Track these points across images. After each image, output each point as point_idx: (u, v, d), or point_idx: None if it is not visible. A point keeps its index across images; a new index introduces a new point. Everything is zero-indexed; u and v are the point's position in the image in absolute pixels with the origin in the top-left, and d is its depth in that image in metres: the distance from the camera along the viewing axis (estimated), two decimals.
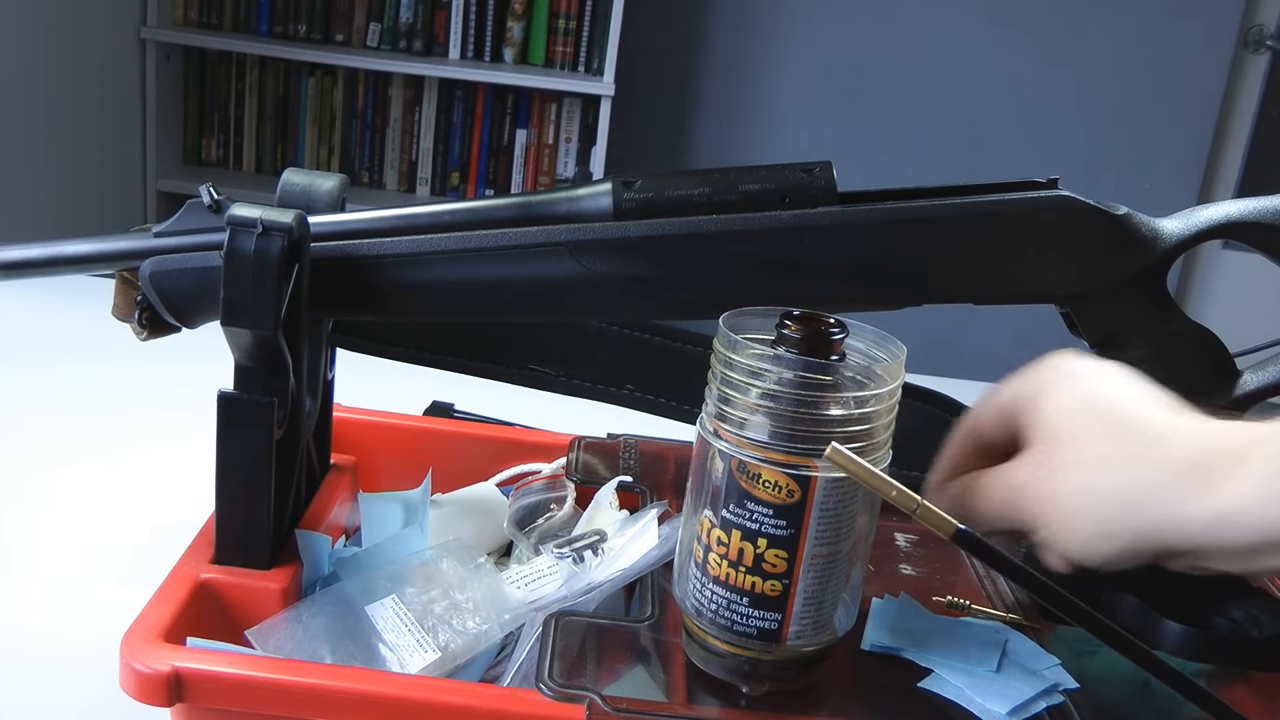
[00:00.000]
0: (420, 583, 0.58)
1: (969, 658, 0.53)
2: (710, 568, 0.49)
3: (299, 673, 0.49)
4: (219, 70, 2.80)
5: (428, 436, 0.74)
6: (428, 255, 0.56)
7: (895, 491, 0.44)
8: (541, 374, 0.69)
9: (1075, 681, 0.52)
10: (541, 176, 2.86)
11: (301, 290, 0.54)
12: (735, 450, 0.48)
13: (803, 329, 0.48)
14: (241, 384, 0.54)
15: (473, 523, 0.70)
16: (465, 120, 2.84)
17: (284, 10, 2.73)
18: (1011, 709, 0.50)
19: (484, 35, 2.74)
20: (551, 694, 0.48)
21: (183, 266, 0.56)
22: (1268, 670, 0.57)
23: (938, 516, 0.44)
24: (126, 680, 0.48)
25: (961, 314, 2.78)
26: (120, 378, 1.01)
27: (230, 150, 2.85)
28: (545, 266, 0.56)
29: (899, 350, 0.49)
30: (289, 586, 0.56)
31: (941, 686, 0.52)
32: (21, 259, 0.57)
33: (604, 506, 0.66)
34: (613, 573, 0.58)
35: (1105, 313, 0.57)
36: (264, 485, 0.55)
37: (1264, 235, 0.57)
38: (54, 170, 2.36)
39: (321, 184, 0.59)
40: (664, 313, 0.59)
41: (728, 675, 0.50)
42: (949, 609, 0.58)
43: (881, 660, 0.54)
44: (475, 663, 0.56)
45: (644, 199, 0.56)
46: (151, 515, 0.79)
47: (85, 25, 2.40)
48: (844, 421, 0.47)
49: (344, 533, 0.66)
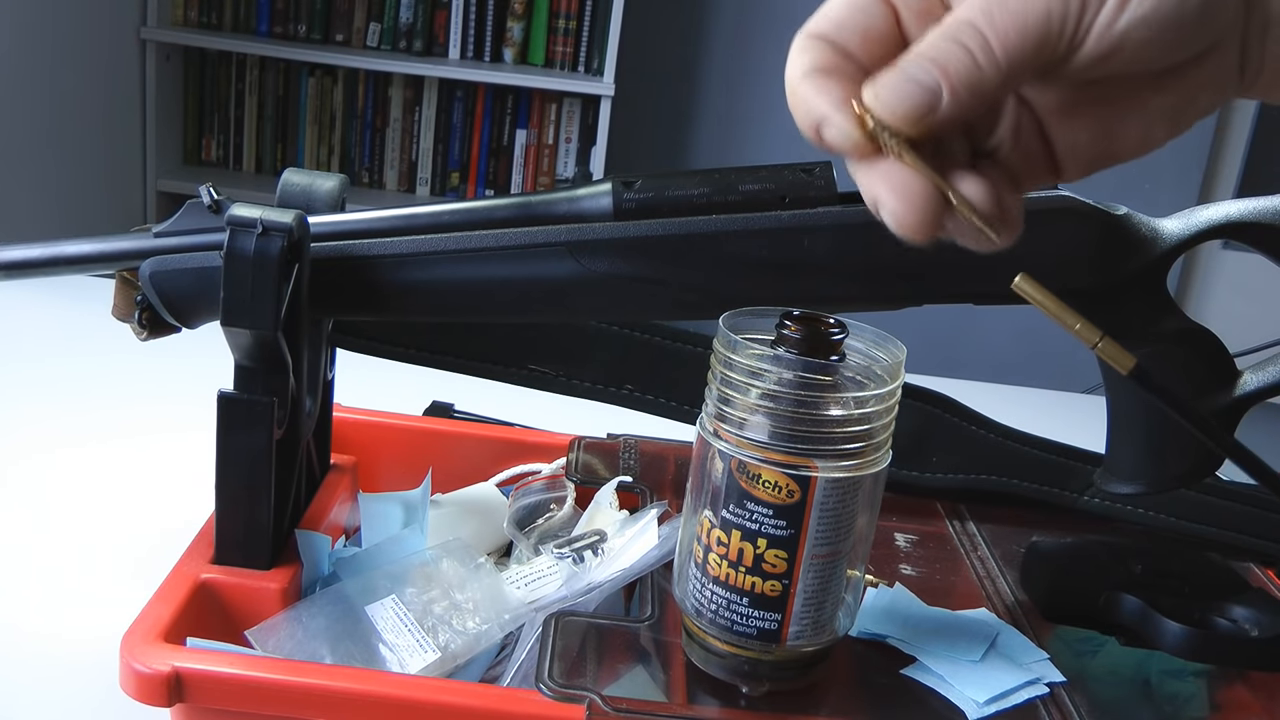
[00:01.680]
0: (420, 583, 0.58)
1: (955, 647, 0.53)
2: (710, 568, 0.49)
3: (299, 673, 0.49)
4: (219, 70, 2.80)
5: (428, 436, 0.74)
6: (427, 255, 0.56)
7: (1079, 324, 0.40)
8: (541, 374, 0.69)
9: (1062, 675, 0.53)
10: (541, 176, 2.86)
11: (301, 290, 0.54)
12: (735, 450, 0.48)
13: (803, 329, 0.48)
14: (241, 384, 0.54)
15: (473, 523, 0.70)
16: (465, 120, 2.84)
17: (284, 10, 2.73)
18: (990, 698, 0.50)
19: (484, 35, 2.74)
20: (551, 694, 0.48)
21: (183, 266, 0.56)
22: (1268, 670, 0.57)
23: (1117, 350, 0.39)
24: (126, 680, 0.48)
25: (961, 314, 2.77)
26: (120, 378, 1.01)
27: (230, 150, 2.85)
28: (545, 266, 0.56)
29: (899, 350, 0.50)
30: (289, 586, 0.56)
31: (923, 674, 0.52)
32: (22, 259, 0.57)
33: (604, 506, 0.66)
34: (613, 573, 0.58)
35: (1105, 313, 0.57)
36: (264, 485, 0.55)
37: (1264, 235, 0.57)
38: (54, 170, 2.36)
39: (321, 184, 0.59)
40: (664, 313, 0.59)
41: (728, 675, 0.50)
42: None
43: (881, 660, 0.54)
44: (475, 663, 0.56)
45: (644, 199, 0.56)
46: (151, 515, 0.79)
47: (85, 25, 2.40)
48: (844, 421, 0.47)
49: (344, 533, 0.66)
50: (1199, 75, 0.38)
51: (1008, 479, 0.69)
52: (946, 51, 0.36)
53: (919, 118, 0.36)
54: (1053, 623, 0.58)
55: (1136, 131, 0.39)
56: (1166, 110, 0.39)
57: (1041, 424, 0.72)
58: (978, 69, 0.36)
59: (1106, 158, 0.40)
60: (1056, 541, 0.65)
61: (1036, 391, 1.29)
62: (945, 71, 0.36)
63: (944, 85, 0.36)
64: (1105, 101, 0.39)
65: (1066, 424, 0.78)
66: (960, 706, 0.51)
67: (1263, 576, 0.65)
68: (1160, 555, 0.63)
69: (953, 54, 0.36)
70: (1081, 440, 0.71)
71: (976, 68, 0.36)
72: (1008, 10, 0.36)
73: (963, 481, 0.69)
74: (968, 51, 0.36)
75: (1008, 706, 0.51)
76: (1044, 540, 0.64)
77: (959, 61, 0.36)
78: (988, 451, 0.70)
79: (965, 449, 0.69)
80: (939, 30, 0.37)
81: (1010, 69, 0.36)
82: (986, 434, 0.70)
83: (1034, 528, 0.67)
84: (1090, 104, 0.39)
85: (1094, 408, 0.71)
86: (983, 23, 0.36)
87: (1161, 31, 0.36)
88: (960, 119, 0.37)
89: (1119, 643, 0.58)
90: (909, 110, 0.36)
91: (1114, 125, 0.39)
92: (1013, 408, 0.78)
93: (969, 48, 0.36)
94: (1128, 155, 0.40)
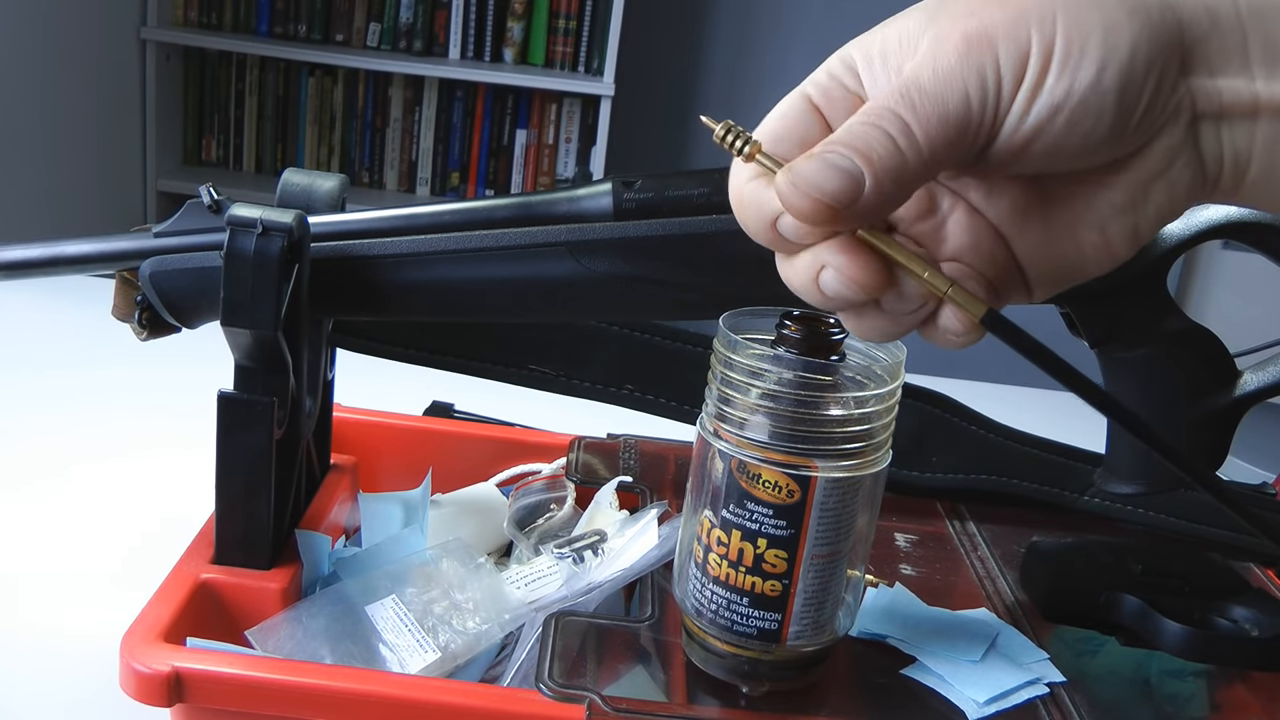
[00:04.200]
0: (420, 583, 0.58)
1: (955, 647, 0.53)
2: (710, 568, 0.49)
3: (299, 673, 0.49)
4: (219, 70, 2.80)
5: (428, 436, 0.74)
6: (427, 255, 0.56)
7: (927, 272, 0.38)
8: (541, 374, 0.69)
9: (1062, 675, 0.53)
10: (541, 176, 2.86)
11: (301, 290, 0.54)
12: (735, 450, 0.48)
13: (803, 329, 0.48)
14: (241, 384, 0.54)
15: (473, 523, 0.70)
16: (465, 120, 2.84)
17: (284, 10, 2.73)
18: (990, 698, 0.51)
19: (484, 35, 2.74)
20: (551, 694, 0.48)
21: (183, 266, 0.56)
22: (1268, 670, 0.57)
23: (967, 297, 0.38)
24: (126, 680, 0.48)
25: None
26: (121, 377, 1.01)
27: (230, 150, 2.85)
28: (545, 266, 0.56)
29: (899, 350, 0.50)
30: (289, 586, 0.56)
31: (923, 674, 0.52)
32: (21, 259, 0.57)
33: (604, 506, 0.66)
34: (613, 573, 0.58)
35: (1105, 313, 0.57)
36: (264, 485, 0.55)
37: (1264, 235, 0.57)
38: (54, 170, 2.36)
39: (321, 184, 0.59)
40: (664, 313, 0.59)
41: (728, 675, 0.50)
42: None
43: (881, 660, 0.54)
44: (475, 663, 0.56)
45: (644, 199, 0.56)
46: (151, 515, 0.79)
47: (85, 25, 2.40)
48: (844, 421, 0.47)
49: (344, 533, 0.66)
50: (1143, 169, 0.37)
51: (1008, 479, 0.69)
52: (868, 137, 0.35)
53: (843, 205, 0.35)
54: (1053, 623, 0.58)
55: (1093, 236, 0.38)
56: (1117, 209, 0.37)
57: (1041, 424, 0.72)
58: (900, 155, 0.35)
59: (1070, 269, 0.39)
60: (1056, 541, 0.65)
61: (1036, 391, 1.29)
62: (868, 159, 0.35)
63: (866, 172, 0.35)
64: (1051, 200, 0.38)
65: (1066, 424, 0.78)
66: (960, 706, 0.51)
67: (1263, 576, 0.65)
68: (1160, 555, 0.63)
69: (875, 139, 0.35)
70: (1081, 440, 0.71)
71: (899, 153, 0.35)
72: (928, 96, 0.35)
73: (963, 481, 0.69)
74: (889, 137, 0.35)
75: (1008, 706, 0.51)
76: (1044, 540, 0.64)
77: (882, 147, 0.35)
78: (988, 451, 0.70)
79: (965, 449, 0.69)
80: (858, 116, 0.36)
81: (933, 155, 0.35)
82: (986, 434, 0.70)
83: (1034, 528, 0.67)
84: (1038, 205, 0.38)
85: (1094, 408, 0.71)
86: (904, 108, 0.35)
87: (1077, 121, 0.35)
88: (881, 211, 0.36)
89: (1119, 643, 0.58)
90: (831, 195, 0.35)
91: (1069, 230, 0.38)
92: (1013, 408, 0.78)
93: (890, 134, 0.35)
94: (1093, 266, 0.39)
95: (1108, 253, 0.38)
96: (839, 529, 0.48)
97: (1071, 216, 0.38)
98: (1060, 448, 0.70)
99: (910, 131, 0.35)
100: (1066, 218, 0.38)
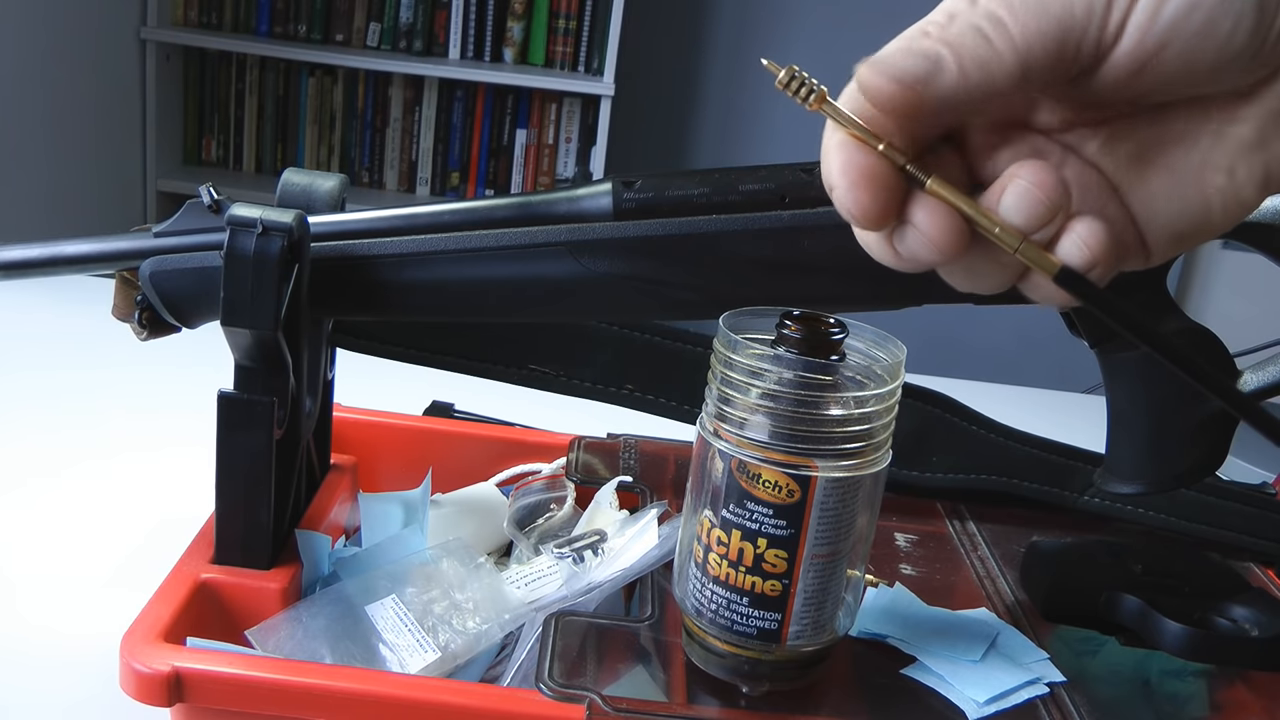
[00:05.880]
0: (420, 583, 0.58)
1: (955, 648, 0.53)
2: (710, 568, 0.49)
3: (299, 673, 0.49)
4: (219, 70, 2.80)
5: (428, 436, 0.74)
6: (427, 255, 0.56)
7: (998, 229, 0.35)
8: (541, 374, 0.69)
9: (1062, 675, 0.53)
10: (541, 176, 2.86)
11: (301, 290, 0.54)
12: (735, 450, 0.48)
13: (803, 329, 0.48)
14: (241, 384, 0.54)
15: (473, 523, 0.70)
16: (465, 120, 2.84)
17: (284, 10, 2.73)
18: (990, 698, 0.51)
19: (484, 35, 2.74)
20: (551, 694, 0.48)
21: (183, 266, 0.56)
22: (1268, 670, 0.57)
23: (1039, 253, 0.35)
24: (126, 680, 0.48)
25: (961, 314, 2.77)
26: (121, 377, 1.01)
27: (230, 150, 2.85)
28: (545, 266, 0.56)
29: (899, 350, 0.50)
30: (289, 586, 0.56)
31: (923, 674, 0.52)
32: (21, 259, 0.57)
33: (604, 506, 0.66)
34: (613, 573, 0.58)
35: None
36: (264, 485, 0.55)
37: (1264, 235, 0.57)
38: (54, 170, 2.36)
39: (321, 184, 0.59)
40: (664, 313, 0.59)
41: (728, 675, 0.50)
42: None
43: (881, 660, 0.54)
44: (475, 663, 0.56)
45: (644, 199, 0.56)
46: (151, 515, 0.79)
47: (85, 25, 2.40)
48: (844, 421, 0.47)
49: (344, 533, 0.66)
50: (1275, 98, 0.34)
51: (1008, 479, 0.69)
52: (959, 29, 0.33)
53: (921, 83, 0.33)
54: (1053, 623, 0.59)
55: (1219, 179, 0.35)
56: (1247, 145, 0.34)
57: (1041, 424, 0.72)
58: (988, 45, 0.33)
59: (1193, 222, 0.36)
60: (1056, 541, 0.65)
61: (1036, 391, 1.30)
62: (954, 47, 0.33)
63: (950, 56, 0.33)
64: (1174, 141, 0.35)
65: (1066, 424, 0.78)
66: (960, 706, 0.51)
67: (1263, 576, 0.65)
68: (1160, 555, 0.63)
69: (965, 31, 0.33)
70: (1081, 440, 0.71)
71: (987, 43, 0.33)
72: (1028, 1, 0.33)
73: (963, 481, 0.69)
74: (979, 30, 0.33)
75: (1008, 706, 0.51)
76: (1044, 540, 0.64)
77: (971, 39, 0.33)
78: (987, 451, 0.70)
79: (965, 449, 0.69)
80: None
81: (1028, 51, 0.33)
82: (986, 434, 0.70)
83: (1034, 528, 0.67)
84: (1158, 148, 0.35)
85: (1094, 408, 0.71)
86: (998, 5, 0.33)
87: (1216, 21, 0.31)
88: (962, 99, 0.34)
89: (1119, 643, 0.58)
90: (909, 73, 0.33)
91: (1193, 175, 0.35)
92: (1013, 408, 0.78)
93: (981, 27, 0.33)
94: (1218, 215, 0.35)
95: (1235, 199, 0.35)
96: (839, 529, 0.48)
97: (1198, 157, 0.35)
98: (1060, 448, 0.70)
99: (1003, 23, 0.33)
100: (1193, 159, 0.35)
